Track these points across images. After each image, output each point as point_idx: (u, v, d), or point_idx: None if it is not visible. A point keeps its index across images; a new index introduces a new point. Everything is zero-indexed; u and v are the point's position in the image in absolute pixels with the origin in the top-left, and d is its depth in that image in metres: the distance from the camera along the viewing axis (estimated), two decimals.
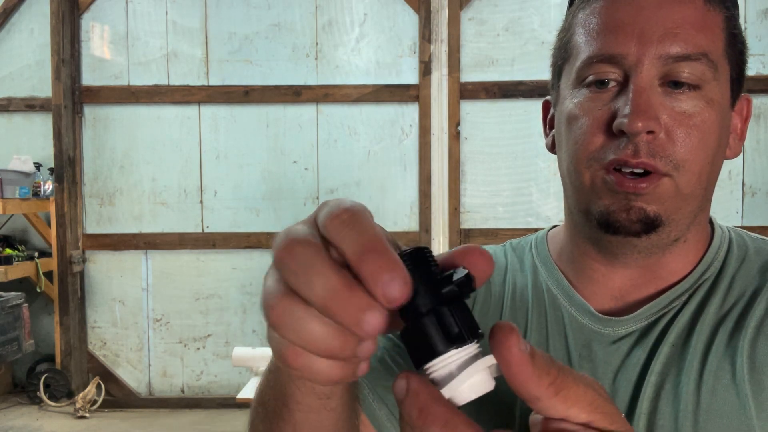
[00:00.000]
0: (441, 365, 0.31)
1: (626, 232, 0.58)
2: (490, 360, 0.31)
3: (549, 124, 0.69)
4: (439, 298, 0.32)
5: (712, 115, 0.57)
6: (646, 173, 0.56)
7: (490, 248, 0.75)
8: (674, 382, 0.58)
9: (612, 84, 0.58)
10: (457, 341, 0.31)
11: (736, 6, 0.62)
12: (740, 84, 0.62)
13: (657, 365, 0.59)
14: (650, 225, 0.57)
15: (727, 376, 0.57)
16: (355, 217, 0.32)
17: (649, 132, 0.55)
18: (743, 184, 3.93)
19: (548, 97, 0.69)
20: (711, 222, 0.67)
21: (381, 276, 0.29)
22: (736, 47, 0.60)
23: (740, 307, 0.59)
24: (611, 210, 0.58)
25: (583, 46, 0.59)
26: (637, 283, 0.63)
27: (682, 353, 0.59)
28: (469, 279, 0.32)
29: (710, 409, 0.56)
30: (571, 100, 0.60)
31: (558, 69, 0.65)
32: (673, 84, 0.56)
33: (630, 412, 0.59)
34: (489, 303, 0.69)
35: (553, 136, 0.66)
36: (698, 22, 0.57)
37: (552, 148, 0.67)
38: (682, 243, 0.62)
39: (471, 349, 0.32)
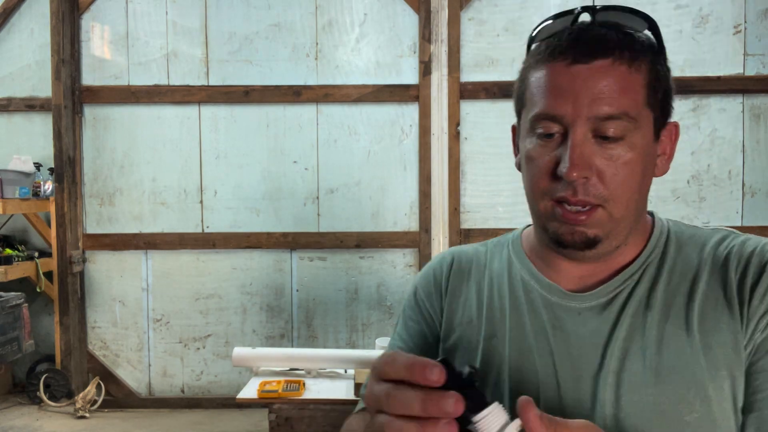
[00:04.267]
0: (486, 423, 0.49)
1: (573, 248, 0.75)
2: (518, 423, 0.50)
3: (516, 147, 0.84)
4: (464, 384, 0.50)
5: (634, 156, 0.72)
6: (584, 205, 0.72)
7: (470, 248, 0.93)
8: (639, 345, 0.73)
9: (556, 135, 0.73)
10: (483, 406, 0.50)
11: (660, 49, 0.75)
12: (666, 117, 0.76)
13: (621, 332, 0.74)
14: (590, 243, 0.74)
15: (683, 339, 0.72)
16: (393, 356, 0.53)
17: (584, 177, 0.71)
18: (743, 184, 3.93)
19: (514, 123, 0.84)
20: (652, 214, 0.84)
21: (425, 371, 0.49)
22: (657, 94, 0.74)
23: (687, 284, 0.75)
24: (560, 233, 0.75)
25: (534, 102, 0.74)
26: (594, 271, 0.79)
27: (643, 323, 0.74)
28: (471, 373, 0.50)
29: (670, 366, 0.71)
30: (529, 141, 0.76)
31: (518, 111, 0.80)
32: (602, 137, 0.71)
33: (599, 370, 0.74)
34: (473, 299, 0.86)
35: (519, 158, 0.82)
36: (621, 86, 0.70)
37: (519, 167, 0.82)
38: (624, 246, 0.78)
39: (502, 415, 0.50)
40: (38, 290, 3.93)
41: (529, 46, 0.79)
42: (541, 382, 0.76)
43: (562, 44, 0.72)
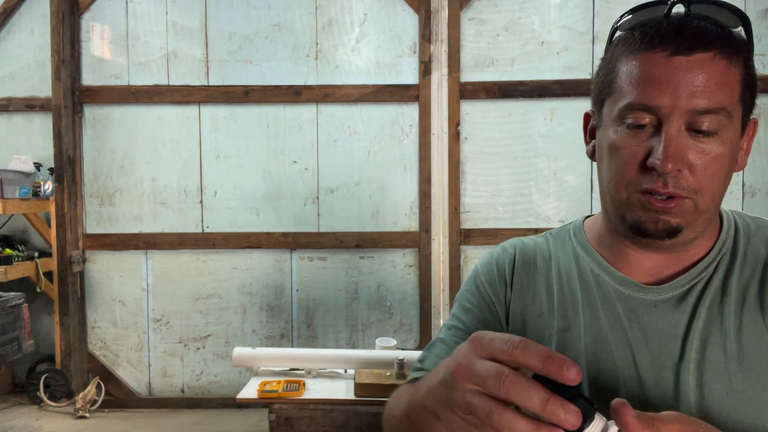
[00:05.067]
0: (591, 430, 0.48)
1: (653, 238, 0.75)
2: (614, 425, 0.49)
3: (590, 133, 0.84)
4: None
5: (725, 151, 0.72)
6: (673, 197, 0.72)
7: (529, 240, 0.92)
8: (718, 334, 0.75)
9: (647, 127, 0.72)
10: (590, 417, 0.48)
11: (750, 46, 0.74)
12: (750, 113, 0.76)
13: (699, 323, 0.75)
14: (672, 233, 0.74)
15: (761, 327, 0.74)
16: (525, 342, 0.49)
17: (677, 170, 0.70)
18: (743, 184, 3.93)
19: (589, 111, 0.84)
20: None
21: (563, 367, 0.47)
22: (749, 90, 0.74)
23: (759, 274, 0.77)
24: (643, 221, 0.74)
25: (626, 91, 0.73)
26: (667, 263, 0.80)
27: (720, 313, 0.76)
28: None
29: (751, 353, 0.73)
30: (614, 131, 0.75)
31: (601, 100, 0.79)
32: (695, 131, 0.71)
33: (680, 360, 0.75)
34: (542, 292, 0.86)
35: (594, 146, 0.82)
36: (720, 81, 0.70)
37: (592, 155, 0.83)
38: (701, 238, 0.78)
39: (601, 421, 0.48)
40: (38, 290, 3.93)
41: (611, 35, 0.79)
42: (621, 374, 0.77)
43: (662, 34, 0.71)
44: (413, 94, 3.98)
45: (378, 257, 4.06)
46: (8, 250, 3.88)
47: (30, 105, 4.08)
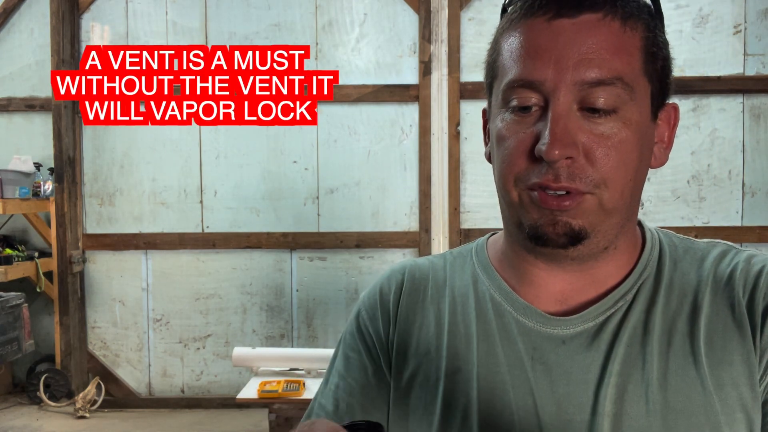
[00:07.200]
0: None
1: (554, 245, 0.61)
2: None
3: (487, 133, 0.70)
4: None
5: (629, 134, 0.60)
6: (569, 192, 0.59)
7: (426, 260, 0.78)
8: (638, 381, 0.61)
9: (534, 108, 0.60)
10: None
11: (658, 14, 0.64)
12: (664, 95, 0.64)
13: (615, 366, 0.62)
14: (576, 238, 0.61)
15: (691, 374, 0.60)
16: None
17: (568, 157, 0.58)
18: (743, 184, 3.93)
19: (485, 107, 0.71)
20: (641, 224, 0.70)
21: None
22: (656, 62, 0.62)
23: (688, 306, 0.63)
24: (539, 224, 0.61)
25: (507, 68, 0.62)
26: (578, 286, 0.66)
27: (641, 354, 0.62)
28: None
29: (679, 408, 0.59)
30: (500, 118, 0.63)
31: (489, 86, 0.67)
32: (589, 110, 0.59)
33: (592, 414, 0.61)
34: (431, 325, 0.71)
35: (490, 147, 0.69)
36: (613, 45, 0.59)
37: (489, 158, 0.69)
38: (613, 250, 0.65)
39: None
40: (38, 290, 3.93)
41: (504, 12, 0.67)
42: (520, 429, 0.62)
43: None
44: (413, 94, 3.98)
45: (378, 257, 4.06)
46: (8, 250, 3.88)
47: (30, 105, 4.08)
